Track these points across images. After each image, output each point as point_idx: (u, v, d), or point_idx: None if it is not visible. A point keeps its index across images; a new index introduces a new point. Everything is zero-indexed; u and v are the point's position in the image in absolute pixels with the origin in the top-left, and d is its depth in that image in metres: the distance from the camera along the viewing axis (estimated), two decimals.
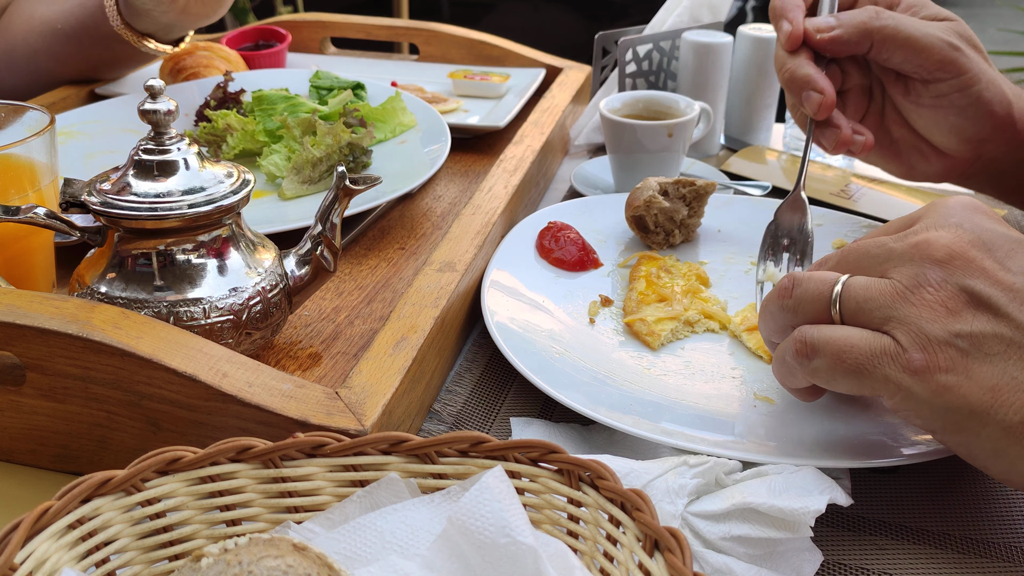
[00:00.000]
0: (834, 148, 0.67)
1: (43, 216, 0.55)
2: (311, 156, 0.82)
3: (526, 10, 3.44)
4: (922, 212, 0.50)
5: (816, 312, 0.48)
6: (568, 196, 0.92)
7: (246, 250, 0.59)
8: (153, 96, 0.56)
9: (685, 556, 0.35)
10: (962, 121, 0.67)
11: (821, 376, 0.48)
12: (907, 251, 0.46)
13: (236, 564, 0.36)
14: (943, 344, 0.44)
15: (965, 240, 0.46)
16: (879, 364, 0.45)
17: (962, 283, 0.44)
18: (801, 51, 0.68)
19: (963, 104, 0.66)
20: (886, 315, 0.45)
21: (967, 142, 0.68)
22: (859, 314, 0.46)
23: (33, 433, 0.53)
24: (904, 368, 0.44)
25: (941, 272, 0.45)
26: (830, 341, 0.47)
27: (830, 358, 0.46)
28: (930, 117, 0.68)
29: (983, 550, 0.50)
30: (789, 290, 0.50)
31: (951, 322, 0.44)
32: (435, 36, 1.24)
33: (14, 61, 1.05)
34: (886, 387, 0.45)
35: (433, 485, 0.42)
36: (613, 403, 0.57)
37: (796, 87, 0.67)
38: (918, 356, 0.44)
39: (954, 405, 0.43)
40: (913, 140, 0.71)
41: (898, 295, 0.45)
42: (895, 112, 0.71)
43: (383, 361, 0.54)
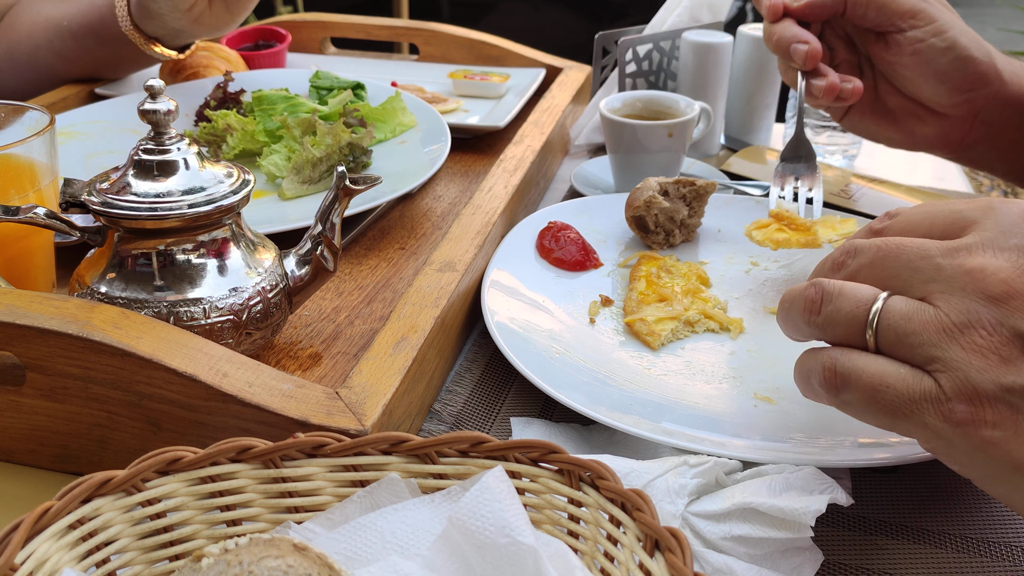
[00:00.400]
0: (824, 94, 0.71)
1: (43, 216, 0.55)
2: (311, 156, 0.82)
3: (526, 10, 3.44)
4: (977, 214, 0.43)
5: (848, 334, 0.43)
6: (568, 196, 0.92)
7: (246, 250, 0.59)
8: (153, 96, 0.56)
9: (685, 556, 0.35)
10: (943, 65, 0.69)
11: (851, 410, 0.44)
12: (957, 276, 0.40)
13: (236, 564, 0.36)
14: (992, 399, 0.39)
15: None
16: (918, 410, 0.40)
17: (1019, 327, 0.39)
18: (783, 19, 0.73)
19: (942, 47, 0.69)
20: (930, 354, 0.40)
21: (955, 92, 0.70)
22: (899, 346, 0.41)
23: (33, 433, 0.53)
24: (946, 418, 0.40)
25: (997, 313, 0.39)
26: (864, 375, 0.42)
27: (863, 394, 0.42)
28: (914, 67, 0.70)
29: (983, 550, 0.50)
30: (818, 305, 0.44)
31: (1003, 373, 0.39)
32: (435, 36, 1.24)
33: (16, 58, 1.05)
34: (923, 433, 0.41)
35: (433, 485, 0.42)
36: (613, 403, 0.57)
37: (784, 45, 0.72)
38: (963, 408, 0.39)
39: (998, 459, 0.39)
40: (907, 105, 0.74)
41: (945, 332, 0.40)
42: (886, 82, 0.74)
43: (383, 361, 0.54)
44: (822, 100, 0.71)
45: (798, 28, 0.72)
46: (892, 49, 0.71)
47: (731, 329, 0.66)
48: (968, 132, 0.73)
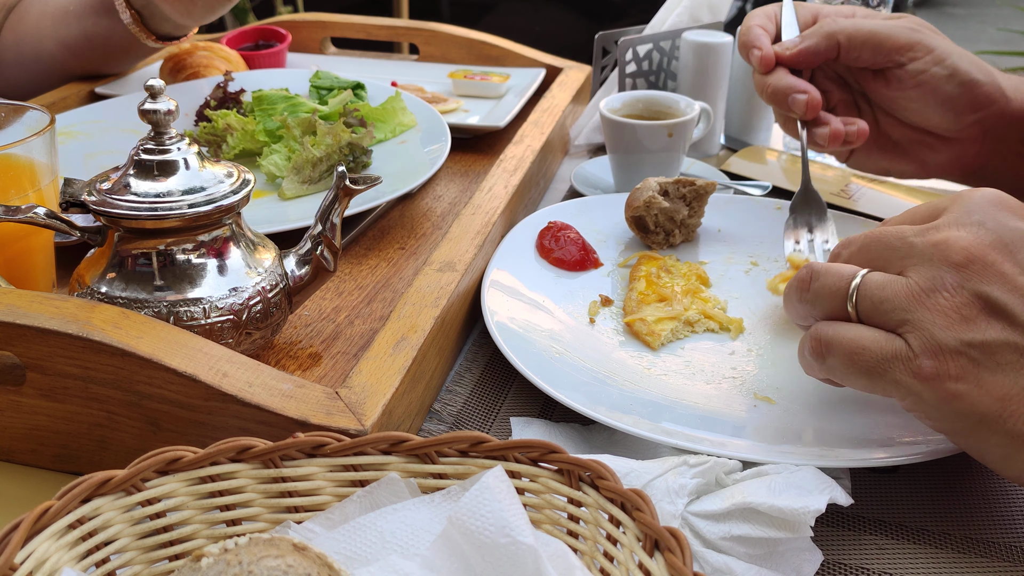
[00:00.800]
0: (829, 142, 0.70)
1: (43, 216, 0.55)
2: (311, 156, 0.82)
3: (526, 10, 3.44)
4: (947, 202, 0.49)
5: (832, 307, 0.49)
6: (568, 196, 0.92)
7: (246, 250, 0.59)
8: (153, 96, 0.56)
9: (685, 556, 0.35)
10: (948, 92, 0.69)
11: (836, 374, 0.49)
12: (926, 249, 0.46)
13: (236, 564, 0.36)
14: (954, 353, 0.43)
15: (985, 242, 0.45)
16: (890, 368, 0.45)
17: (978, 289, 0.44)
18: (776, 70, 0.71)
19: (943, 75, 0.68)
20: (901, 317, 0.45)
21: (962, 115, 0.69)
22: (874, 314, 0.47)
23: (33, 433, 0.53)
24: (914, 374, 0.44)
25: (957, 276, 0.44)
26: (843, 341, 0.47)
27: (843, 358, 0.47)
28: (919, 99, 0.70)
29: (983, 550, 0.50)
30: (807, 283, 0.50)
31: (964, 331, 0.44)
32: (435, 36, 1.24)
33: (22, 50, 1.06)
34: (897, 390, 0.46)
35: (433, 485, 0.42)
36: (613, 403, 0.57)
37: (781, 96, 0.71)
38: (928, 363, 0.44)
39: (964, 412, 0.44)
40: (914, 135, 0.73)
41: (913, 297, 0.45)
42: (886, 115, 0.73)
43: (383, 361, 0.54)
44: (828, 148, 0.71)
45: (793, 78, 0.71)
46: (893, 85, 0.70)
47: (731, 329, 0.66)
48: (979, 153, 0.72)
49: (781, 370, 0.62)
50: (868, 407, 0.58)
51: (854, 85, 0.74)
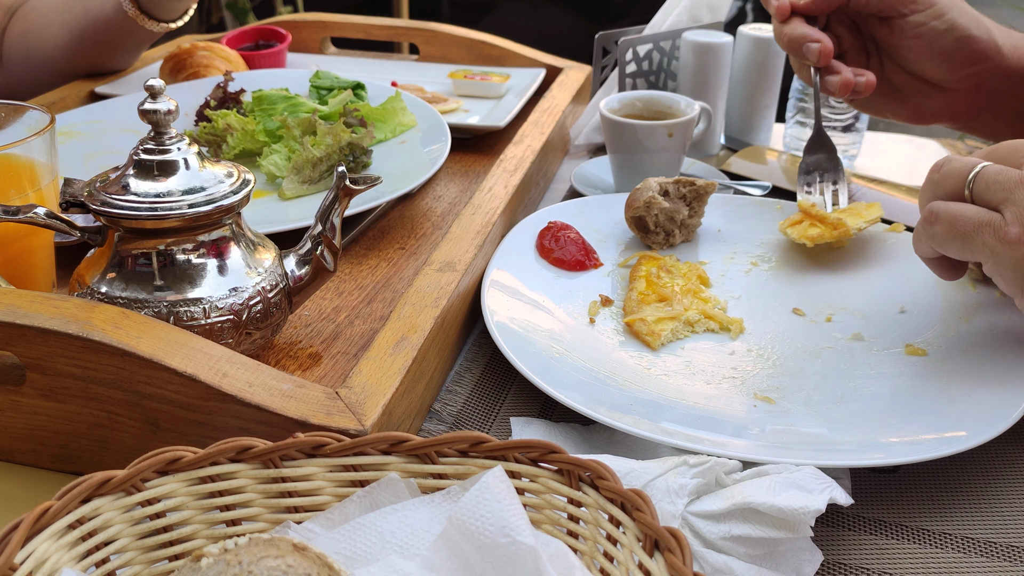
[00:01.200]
0: (839, 90, 0.73)
1: (43, 216, 0.55)
2: (311, 156, 0.82)
3: (526, 10, 3.44)
4: None
5: (953, 187, 0.57)
6: (568, 196, 0.92)
7: (246, 250, 0.59)
8: (153, 96, 0.56)
9: (685, 556, 0.35)
10: (945, 46, 0.73)
11: (937, 240, 0.57)
12: None
13: (236, 564, 0.36)
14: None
15: None
16: (981, 233, 0.54)
17: None
18: (792, 19, 0.76)
19: (942, 29, 0.72)
20: (1004, 196, 0.53)
21: (957, 69, 0.74)
22: (985, 192, 0.54)
23: (33, 433, 0.53)
24: (1000, 238, 0.53)
25: None
26: (949, 211, 0.56)
27: (946, 224, 0.56)
28: (917, 49, 0.74)
29: (983, 550, 0.50)
30: (939, 167, 0.58)
31: None
32: (435, 36, 1.24)
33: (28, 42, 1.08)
34: (983, 252, 0.54)
35: (433, 485, 0.42)
36: (613, 403, 0.57)
37: (796, 45, 0.74)
38: (1015, 230, 0.52)
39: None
40: (913, 82, 0.77)
41: (1020, 182, 0.53)
42: (891, 62, 0.77)
43: (383, 361, 0.54)
44: (838, 95, 0.74)
45: (807, 27, 0.74)
46: (895, 33, 0.74)
47: (731, 329, 0.66)
48: (972, 104, 0.76)
49: (781, 370, 0.62)
50: (868, 408, 0.58)
51: (864, 31, 0.78)
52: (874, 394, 0.59)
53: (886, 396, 0.59)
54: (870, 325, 0.67)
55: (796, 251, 0.77)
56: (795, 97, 1.02)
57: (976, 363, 0.60)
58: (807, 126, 1.01)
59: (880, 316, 0.68)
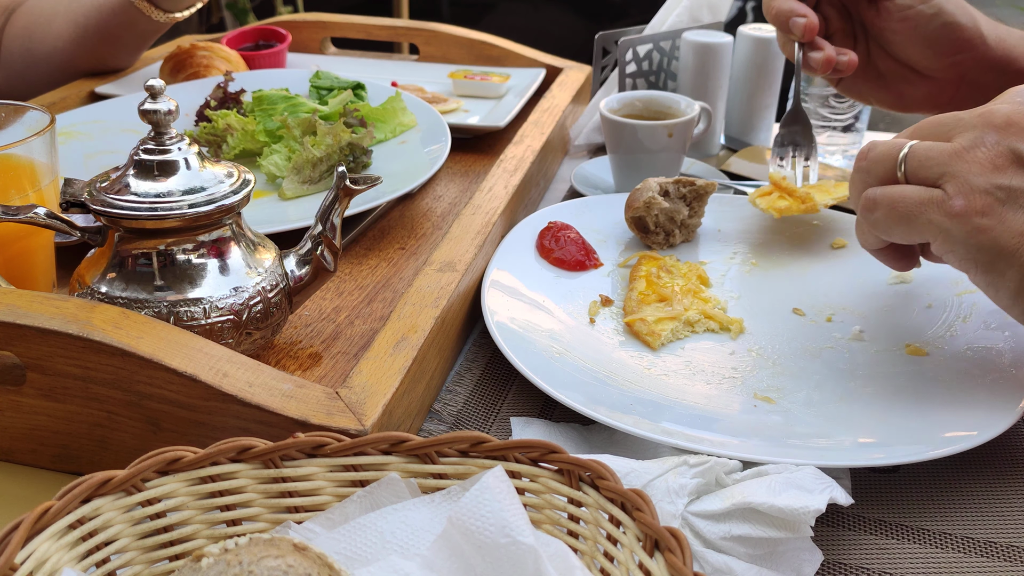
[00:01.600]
0: (821, 67, 0.74)
1: (43, 216, 0.55)
2: (311, 156, 0.82)
3: (526, 10, 3.44)
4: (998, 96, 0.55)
5: (885, 171, 0.55)
6: (568, 196, 0.92)
7: (246, 250, 0.59)
8: (153, 96, 0.56)
9: (685, 556, 0.35)
10: (930, 31, 0.72)
11: (880, 226, 0.55)
12: (972, 118, 0.52)
13: (236, 564, 0.36)
14: (983, 192, 0.50)
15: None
16: (925, 210, 0.52)
17: (1013, 146, 0.50)
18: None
19: (928, 13, 0.72)
20: (941, 171, 0.51)
21: (941, 56, 0.73)
22: (919, 170, 0.53)
23: (33, 433, 0.53)
24: (946, 213, 0.51)
25: (997, 135, 0.51)
26: (887, 194, 0.54)
27: (886, 208, 0.54)
28: (903, 32, 0.74)
29: (983, 550, 0.50)
30: (865, 154, 0.57)
31: (994, 176, 0.50)
32: (435, 36, 1.24)
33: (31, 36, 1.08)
34: (929, 229, 0.52)
35: (433, 485, 0.42)
36: (613, 403, 0.57)
37: (783, 18, 0.74)
38: (959, 202, 0.50)
39: (985, 245, 0.50)
40: (897, 68, 0.77)
41: (954, 154, 0.51)
42: (877, 47, 0.77)
43: (383, 361, 0.54)
44: (819, 72, 0.75)
45: (795, 2, 0.74)
46: (883, 15, 0.74)
47: (731, 329, 0.66)
48: (955, 94, 0.76)
49: (781, 370, 0.62)
50: (868, 408, 0.58)
51: (853, 15, 0.78)
52: (874, 394, 0.59)
53: (886, 396, 0.59)
54: (870, 325, 0.67)
55: (796, 251, 0.77)
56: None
57: (976, 363, 0.60)
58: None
59: (880, 316, 0.68)
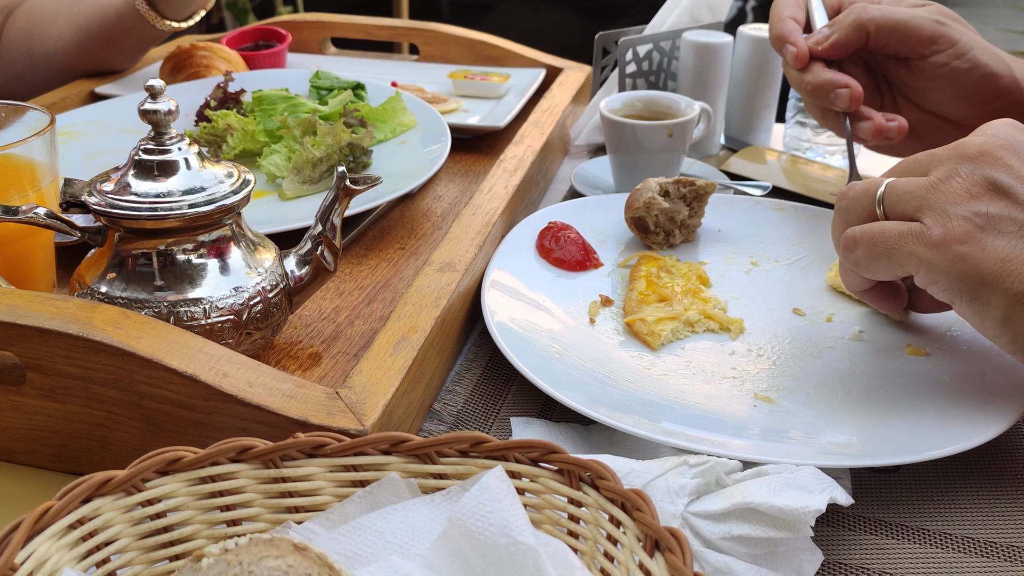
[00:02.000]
0: (873, 136, 0.71)
1: (43, 216, 0.55)
2: (311, 156, 0.82)
3: (526, 10, 3.44)
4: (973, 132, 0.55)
5: (863, 210, 0.56)
6: (568, 196, 0.92)
7: (246, 250, 0.59)
8: (153, 96, 0.56)
9: (685, 556, 0.35)
10: (967, 85, 0.70)
11: (862, 265, 0.55)
12: (946, 153, 0.53)
13: (236, 564, 0.36)
14: (961, 219, 0.50)
15: (997, 142, 0.52)
16: (905, 243, 0.52)
17: (987, 174, 0.51)
18: (811, 64, 0.72)
19: (964, 68, 0.70)
20: (918, 204, 0.52)
21: (979, 106, 0.71)
22: (897, 205, 0.53)
23: (33, 433, 0.53)
24: (926, 243, 0.51)
25: (971, 166, 0.51)
26: (867, 231, 0.54)
27: (866, 245, 0.54)
28: (939, 90, 0.71)
29: (983, 550, 0.50)
30: (844, 194, 0.57)
31: (971, 204, 0.50)
32: (435, 36, 1.24)
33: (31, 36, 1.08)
34: (911, 261, 0.52)
35: (433, 485, 0.42)
36: (613, 403, 0.57)
37: (823, 92, 0.71)
38: (938, 232, 0.51)
39: (968, 273, 0.50)
40: (930, 120, 0.74)
41: (930, 186, 0.52)
42: (906, 100, 0.75)
43: (383, 361, 0.54)
44: (870, 142, 0.72)
45: (831, 72, 0.71)
46: (915, 74, 0.71)
47: (731, 329, 0.66)
48: None
49: (781, 370, 0.62)
50: (868, 407, 0.58)
51: (876, 69, 0.76)
52: (874, 394, 0.59)
53: (886, 396, 0.59)
54: (870, 325, 0.67)
55: (796, 251, 0.77)
56: (795, 97, 1.02)
57: (976, 363, 0.60)
58: (807, 126, 1.01)
59: (880, 316, 0.68)
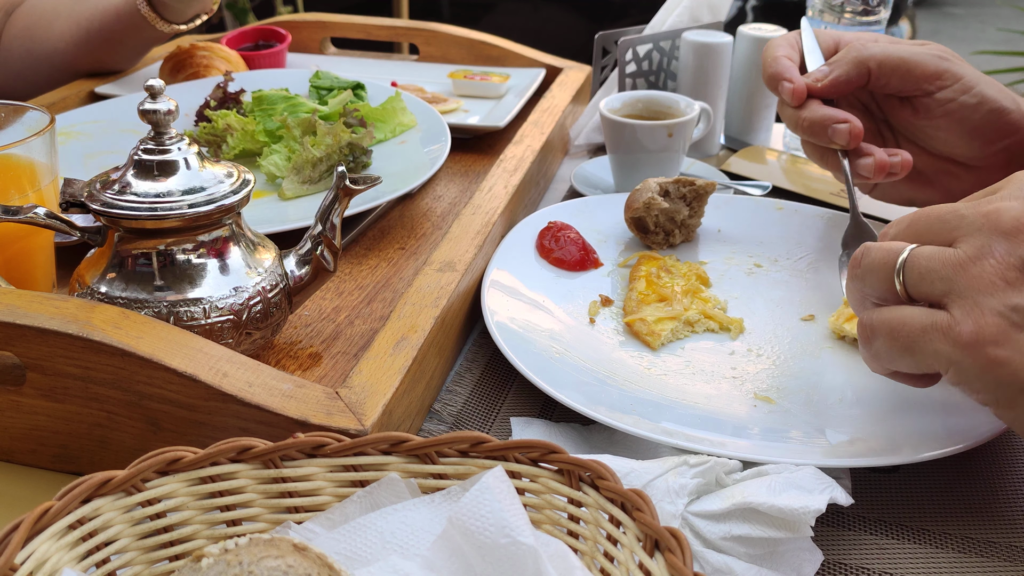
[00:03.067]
0: (875, 172, 0.67)
1: (43, 216, 0.55)
2: (311, 156, 0.82)
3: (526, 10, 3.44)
4: (1003, 183, 0.48)
5: (881, 282, 0.48)
6: (568, 196, 0.92)
7: (246, 250, 0.59)
8: (153, 96, 0.56)
9: (685, 556, 0.35)
10: (975, 121, 0.67)
11: (883, 357, 0.48)
12: (977, 219, 0.45)
13: (236, 564, 0.36)
14: (996, 315, 0.42)
15: None
16: (930, 339, 0.44)
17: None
18: (808, 102, 0.69)
19: (972, 103, 0.66)
20: (945, 288, 0.44)
21: (989, 143, 0.67)
22: (920, 284, 0.46)
23: (33, 433, 0.53)
24: (954, 342, 0.43)
25: (1007, 244, 0.43)
26: (885, 321, 0.47)
27: (886, 337, 0.47)
28: (946, 128, 0.68)
29: (983, 550, 0.50)
30: (859, 260, 0.50)
31: (1008, 295, 0.42)
32: (435, 36, 1.24)
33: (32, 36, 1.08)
34: (937, 361, 0.45)
35: (433, 485, 0.42)
36: (613, 403, 0.57)
37: (820, 128, 0.67)
38: (968, 329, 0.43)
39: (1005, 380, 0.43)
40: (938, 163, 0.71)
41: (959, 266, 0.44)
42: (909, 143, 0.72)
43: (383, 361, 0.54)
44: (872, 179, 0.68)
45: (829, 108, 0.68)
46: (920, 113, 0.68)
47: (731, 329, 0.66)
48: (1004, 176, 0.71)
49: (781, 370, 0.62)
50: (868, 407, 0.58)
51: (877, 113, 0.73)
52: (874, 394, 0.59)
53: (886, 396, 0.58)
54: None
55: (796, 251, 0.77)
56: None
57: None
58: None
59: None
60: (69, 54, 1.08)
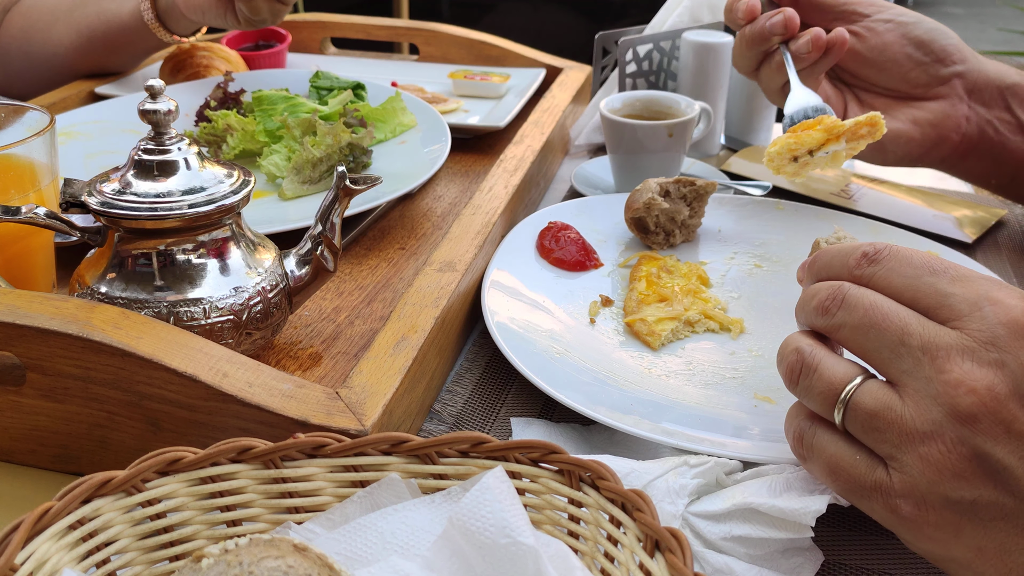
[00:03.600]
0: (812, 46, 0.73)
1: (43, 216, 0.55)
2: (311, 156, 0.82)
3: (526, 10, 3.44)
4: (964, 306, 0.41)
5: (821, 409, 0.44)
6: (568, 196, 0.92)
7: (246, 250, 0.59)
8: (153, 96, 0.56)
9: (686, 556, 0.35)
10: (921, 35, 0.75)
11: (817, 479, 0.46)
12: (934, 383, 0.40)
13: (237, 565, 0.36)
14: (937, 507, 0.40)
15: (1002, 392, 0.39)
16: (868, 495, 0.42)
17: (981, 448, 0.39)
18: None
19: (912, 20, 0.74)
20: (889, 452, 0.41)
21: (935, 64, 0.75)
22: (863, 435, 0.42)
23: (33, 433, 0.53)
24: (892, 511, 0.41)
25: (961, 431, 0.39)
26: (824, 454, 0.44)
27: (822, 469, 0.44)
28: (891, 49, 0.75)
29: None
30: (797, 375, 0.45)
31: (953, 488, 0.39)
32: (435, 36, 1.24)
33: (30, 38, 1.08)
34: (874, 514, 0.43)
35: (434, 486, 0.42)
36: (613, 403, 0.57)
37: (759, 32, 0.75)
38: (908, 508, 0.41)
39: (939, 555, 0.42)
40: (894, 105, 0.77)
41: (907, 436, 0.40)
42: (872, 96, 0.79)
43: (383, 361, 0.54)
44: (811, 54, 0.73)
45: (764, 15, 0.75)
46: (864, 39, 0.75)
47: (731, 329, 0.66)
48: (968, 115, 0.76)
49: None
50: None
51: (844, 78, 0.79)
52: None
53: None
54: None
55: (796, 251, 0.77)
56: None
57: None
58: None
59: None
60: (69, 58, 1.07)
